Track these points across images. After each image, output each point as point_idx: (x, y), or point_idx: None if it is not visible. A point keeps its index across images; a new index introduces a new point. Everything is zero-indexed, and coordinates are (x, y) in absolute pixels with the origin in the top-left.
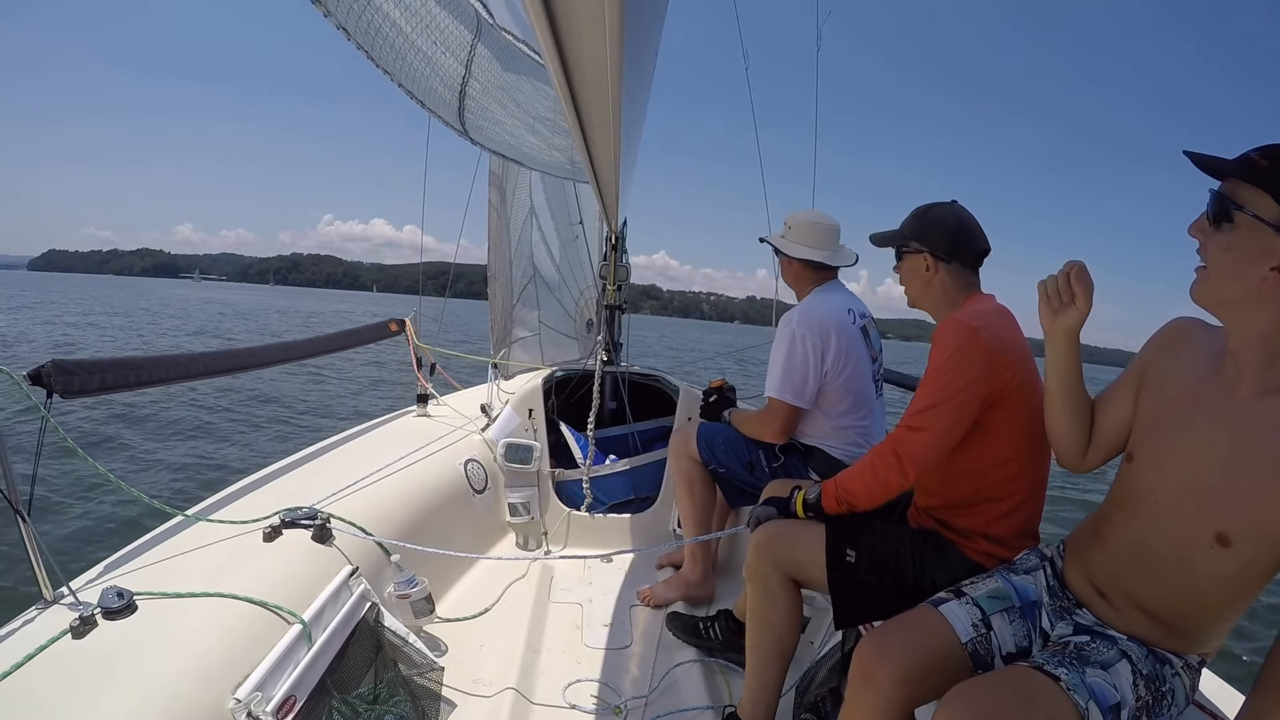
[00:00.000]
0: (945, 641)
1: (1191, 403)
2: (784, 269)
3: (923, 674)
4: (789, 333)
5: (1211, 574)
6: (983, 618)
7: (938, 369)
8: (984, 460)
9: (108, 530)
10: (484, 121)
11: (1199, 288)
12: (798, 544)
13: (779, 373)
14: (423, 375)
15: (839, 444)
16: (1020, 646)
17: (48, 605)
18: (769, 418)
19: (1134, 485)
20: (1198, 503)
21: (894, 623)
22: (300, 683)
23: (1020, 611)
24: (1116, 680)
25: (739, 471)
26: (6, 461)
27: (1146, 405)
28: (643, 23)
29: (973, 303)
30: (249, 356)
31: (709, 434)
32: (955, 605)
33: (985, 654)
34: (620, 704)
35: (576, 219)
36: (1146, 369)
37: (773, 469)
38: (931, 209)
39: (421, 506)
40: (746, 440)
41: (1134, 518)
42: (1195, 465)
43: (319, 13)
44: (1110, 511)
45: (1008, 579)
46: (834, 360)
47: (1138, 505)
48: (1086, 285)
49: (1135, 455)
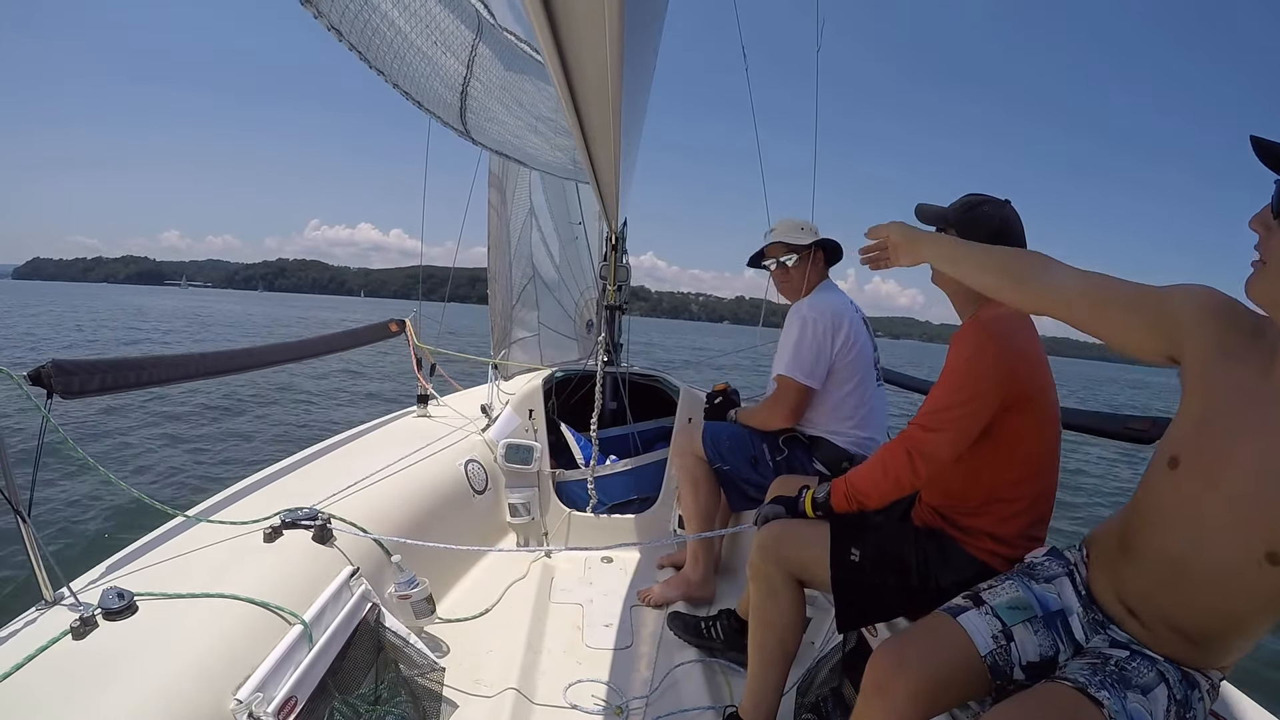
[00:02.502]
0: (964, 654)
1: (1244, 407)
2: (792, 275)
3: (939, 687)
4: (799, 318)
5: (1255, 594)
6: (1003, 629)
7: (956, 371)
8: (997, 462)
9: (108, 531)
10: (486, 122)
11: (1258, 283)
12: (802, 543)
13: (789, 353)
14: (423, 376)
15: (844, 431)
16: (1045, 656)
17: (48, 606)
18: (777, 400)
19: (1175, 498)
20: (1248, 518)
21: (910, 633)
22: (301, 683)
23: (1044, 621)
24: (1154, 708)
25: (743, 467)
26: (6, 462)
27: (1193, 403)
28: (643, 22)
29: (994, 306)
30: (249, 357)
31: (714, 432)
32: (974, 615)
33: (1005, 665)
34: (622, 704)
35: (576, 219)
36: (1183, 335)
37: (776, 462)
38: (982, 204)
39: (422, 507)
40: (751, 435)
41: (1172, 533)
42: (1247, 476)
43: (309, 14)
44: (1142, 525)
45: (1029, 586)
46: (843, 341)
47: (1177, 520)
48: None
49: (1180, 461)
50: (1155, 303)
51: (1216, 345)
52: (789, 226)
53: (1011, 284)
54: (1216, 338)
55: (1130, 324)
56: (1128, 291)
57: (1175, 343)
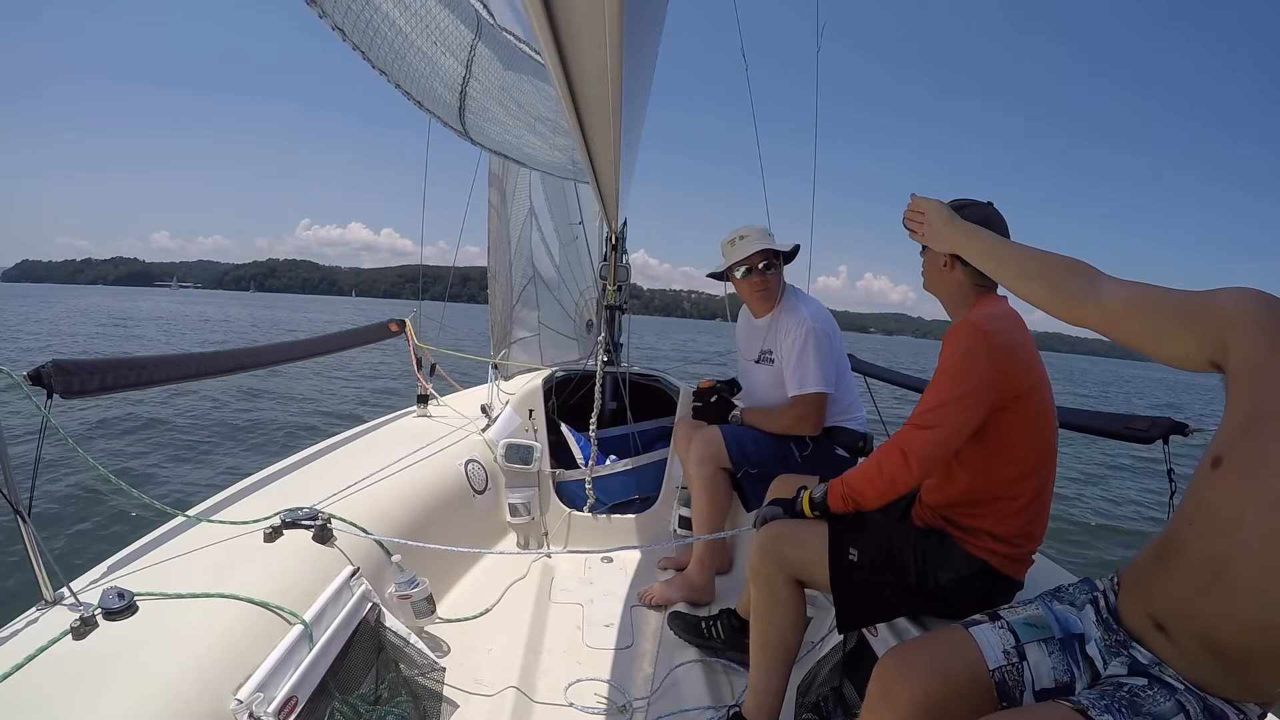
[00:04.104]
0: (972, 666)
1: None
2: (772, 282)
3: (945, 699)
4: (807, 330)
5: None
6: (1016, 645)
7: (948, 369)
8: (995, 460)
9: (108, 531)
10: (485, 122)
11: None
12: (802, 543)
13: (814, 369)
14: (423, 376)
15: (851, 415)
16: (1060, 682)
17: (48, 606)
18: (806, 412)
19: (1216, 496)
20: None
21: (919, 641)
22: (302, 683)
23: (1061, 644)
24: None
25: (774, 467)
26: (6, 462)
27: (1242, 403)
28: (643, 23)
29: (985, 305)
30: (249, 356)
31: (736, 437)
32: (988, 628)
33: (1013, 685)
34: (625, 704)
35: (576, 219)
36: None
37: (804, 457)
38: (964, 207)
39: (422, 507)
40: (773, 436)
41: (1212, 534)
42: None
43: (314, 14)
44: (1181, 531)
45: (1049, 607)
46: (839, 341)
47: (1218, 519)
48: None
49: (1224, 460)
50: (1200, 309)
51: (1268, 344)
52: (762, 232)
53: (1049, 291)
54: (1267, 337)
55: (1175, 334)
56: (1171, 301)
57: (1221, 346)
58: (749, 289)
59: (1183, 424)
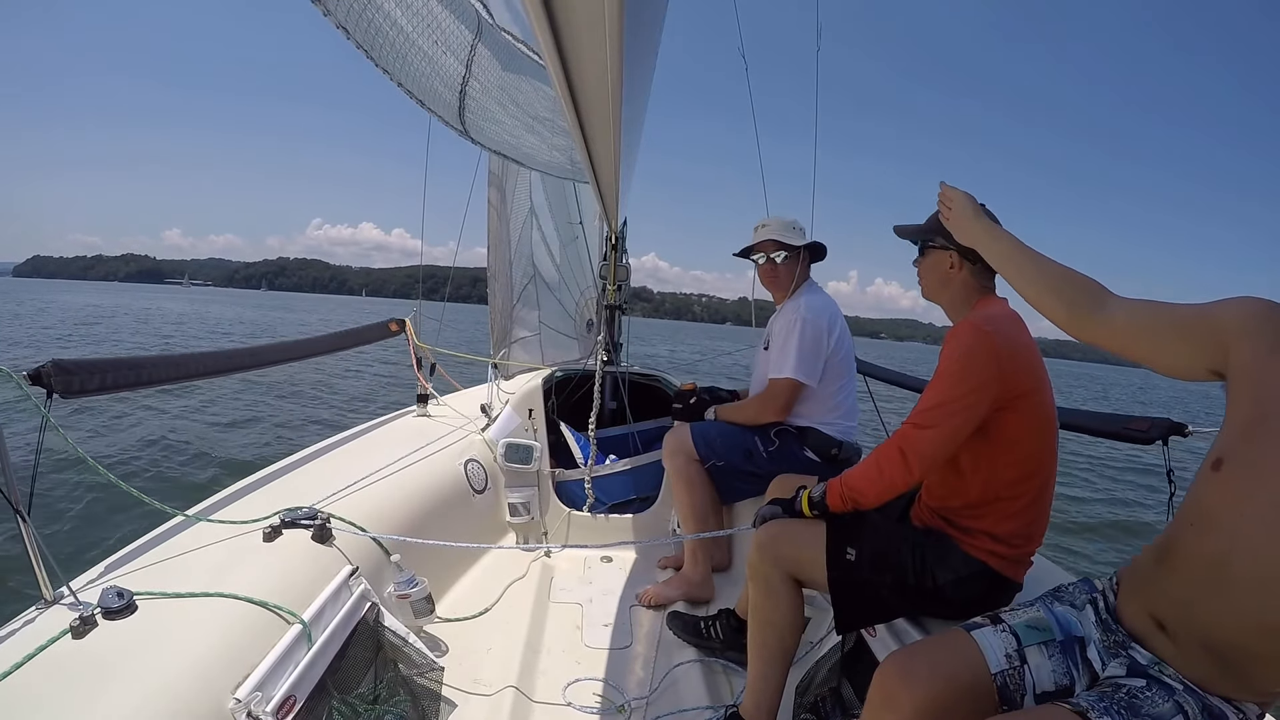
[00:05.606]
0: (974, 670)
1: None
2: (780, 272)
3: (947, 703)
4: (798, 319)
5: None
6: (1018, 648)
7: (948, 369)
8: (996, 461)
9: (108, 530)
10: (484, 121)
11: None
12: (800, 543)
13: (794, 355)
14: (423, 375)
15: (832, 421)
16: (1060, 685)
17: (48, 605)
18: (771, 397)
19: (1217, 496)
20: None
21: (922, 645)
22: (300, 683)
23: (1061, 646)
24: None
25: (738, 460)
26: (6, 461)
27: (1242, 405)
28: (642, 23)
29: (986, 306)
30: (250, 356)
31: (704, 431)
32: (990, 632)
33: (1015, 689)
34: (624, 703)
35: (576, 219)
36: (1231, 342)
37: (769, 453)
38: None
39: (421, 506)
40: (741, 430)
41: (1212, 534)
42: None
43: (319, 12)
44: (1181, 531)
45: (1050, 609)
46: (835, 340)
47: (1219, 519)
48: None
49: (1225, 461)
50: (1199, 319)
51: (1266, 347)
52: (782, 225)
53: (1059, 305)
54: (1267, 339)
55: (1175, 345)
56: (1171, 314)
57: (1222, 352)
58: (760, 274)
59: (1182, 425)
